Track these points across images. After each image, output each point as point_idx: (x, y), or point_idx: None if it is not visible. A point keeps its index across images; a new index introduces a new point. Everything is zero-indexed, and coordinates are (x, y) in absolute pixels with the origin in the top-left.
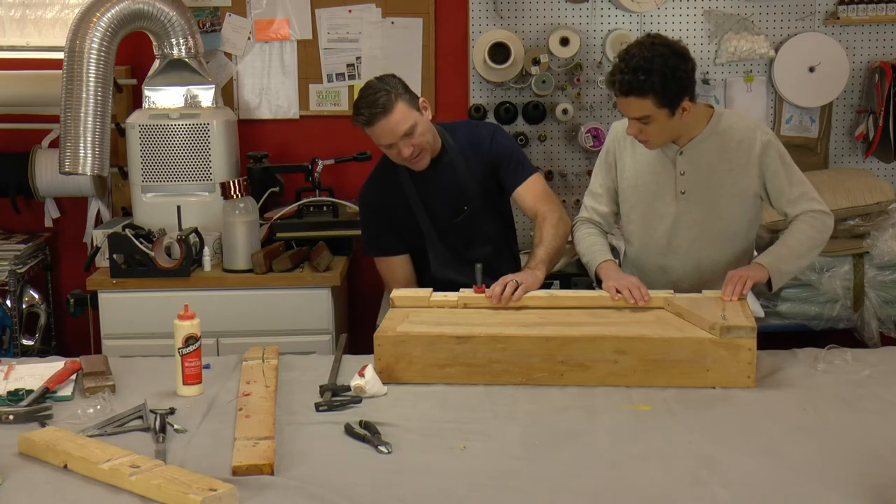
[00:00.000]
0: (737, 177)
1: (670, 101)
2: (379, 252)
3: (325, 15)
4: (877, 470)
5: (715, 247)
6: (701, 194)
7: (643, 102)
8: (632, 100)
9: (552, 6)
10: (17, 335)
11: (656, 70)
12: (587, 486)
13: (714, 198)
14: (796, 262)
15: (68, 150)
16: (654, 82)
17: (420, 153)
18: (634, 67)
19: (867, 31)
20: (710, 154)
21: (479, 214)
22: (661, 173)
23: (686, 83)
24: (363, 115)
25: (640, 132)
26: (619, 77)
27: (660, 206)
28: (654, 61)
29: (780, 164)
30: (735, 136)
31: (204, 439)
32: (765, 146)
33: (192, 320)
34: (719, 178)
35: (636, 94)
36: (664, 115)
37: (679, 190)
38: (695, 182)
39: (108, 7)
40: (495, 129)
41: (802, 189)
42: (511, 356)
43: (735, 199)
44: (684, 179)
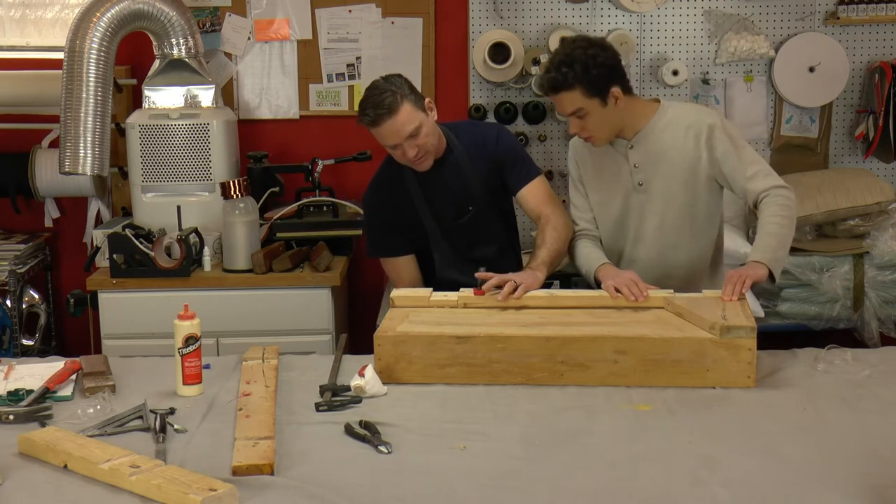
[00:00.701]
0: (689, 162)
1: (598, 90)
2: (385, 253)
3: (325, 15)
4: (877, 470)
5: (677, 235)
6: (657, 184)
7: (573, 95)
8: (562, 95)
9: (552, 6)
10: (17, 335)
11: (577, 61)
12: (587, 486)
13: (669, 185)
14: (784, 246)
15: (68, 150)
16: (577, 72)
17: (424, 154)
18: (557, 64)
19: (867, 31)
20: (660, 143)
21: (483, 215)
22: (617, 170)
23: (610, 70)
24: (368, 116)
25: (582, 129)
26: (546, 77)
27: (626, 202)
28: (574, 54)
29: (730, 145)
30: (682, 123)
31: (204, 439)
32: (711, 129)
33: (192, 320)
34: (672, 166)
35: (564, 88)
36: (596, 105)
37: (636, 182)
38: (649, 172)
39: (108, 7)
40: (500, 129)
41: (757, 167)
42: (511, 356)
43: (689, 184)
44: (639, 171)
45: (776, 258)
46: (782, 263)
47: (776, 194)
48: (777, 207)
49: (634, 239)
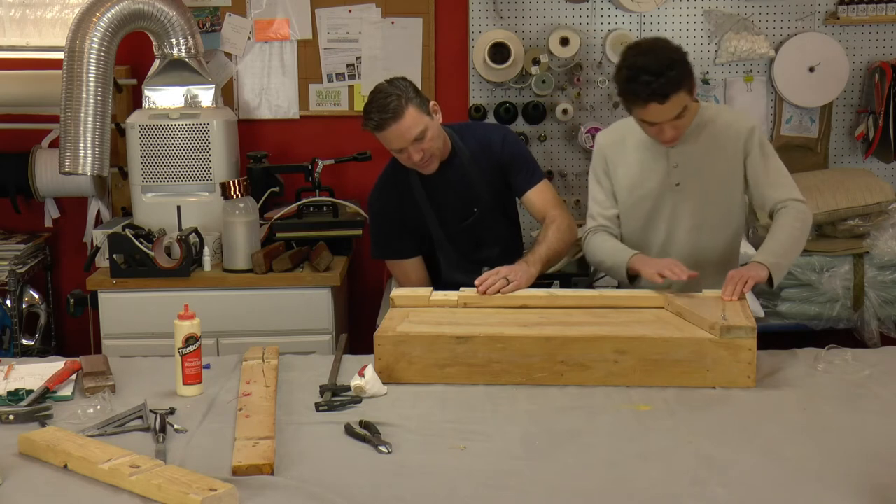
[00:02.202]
0: (727, 162)
1: (692, 86)
2: (392, 256)
3: (325, 15)
4: (877, 470)
5: (710, 234)
6: (694, 184)
7: (679, 97)
8: (672, 100)
9: (552, 6)
10: (17, 335)
11: (676, 62)
12: (587, 486)
13: (707, 186)
14: (790, 255)
15: (68, 150)
16: (681, 72)
17: (430, 157)
18: (658, 70)
19: (867, 31)
20: (701, 143)
21: (488, 216)
22: (654, 169)
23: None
24: (373, 120)
25: (675, 128)
26: (649, 86)
27: (657, 201)
28: (668, 55)
29: (761, 150)
30: (722, 123)
31: (204, 439)
32: (750, 131)
33: (192, 320)
34: (711, 166)
35: (674, 91)
36: (690, 100)
37: (673, 182)
38: (688, 173)
39: (108, 7)
40: (506, 131)
41: (782, 178)
42: (511, 356)
43: (726, 184)
44: (678, 171)
45: (779, 264)
46: (784, 271)
47: (794, 206)
48: (792, 218)
49: (666, 240)
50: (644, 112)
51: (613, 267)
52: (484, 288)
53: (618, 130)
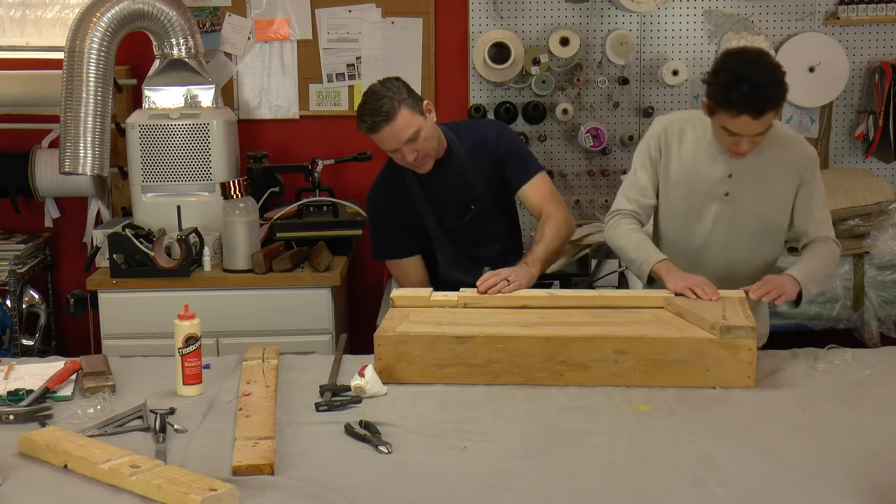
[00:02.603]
0: (781, 185)
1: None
2: (391, 255)
3: (325, 15)
4: (877, 470)
5: (747, 252)
6: (745, 198)
7: (771, 115)
8: (764, 116)
9: (552, 6)
10: (17, 335)
11: (778, 80)
12: (587, 486)
13: (756, 202)
14: (819, 283)
15: (68, 150)
16: (781, 91)
17: (424, 157)
18: (761, 83)
19: (867, 31)
20: (761, 160)
21: (486, 214)
22: (708, 174)
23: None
24: (366, 123)
25: (752, 143)
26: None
27: (703, 206)
28: (773, 71)
29: (816, 184)
30: (787, 146)
31: (204, 439)
32: (812, 164)
33: (192, 320)
34: (765, 184)
35: (771, 108)
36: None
37: (723, 191)
38: (741, 185)
39: (108, 7)
40: (502, 127)
41: (826, 215)
42: (511, 356)
43: (775, 207)
44: (731, 181)
45: (808, 288)
46: (810, 295)
47: (832, 246)
48: (828, 251)
49: (701, 247)
50: (732, 122)
51: (636, 261)
52: (485, 288)
53: (678, 121)
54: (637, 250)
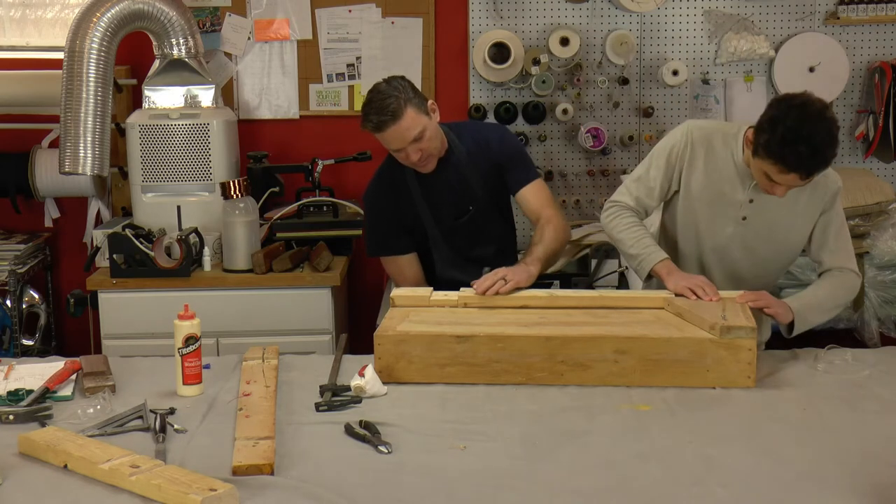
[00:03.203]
0: (800, 216)
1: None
2: (386, 252)
3: (325, 15)
4: (877, 470)
5: (754, 271)
6: (761, 225)
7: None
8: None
9: (552, 6)
10: (17, 335)
11: (834, 142)
12: (587, 486)
13: (772, 231)
14: (821, 315)
15: (68, 150)
16: (834, 153)
17: (428, 157)
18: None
19: (867, 31)
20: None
21: (483, 215)
22: (728, 195)
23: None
24: (371, 122)
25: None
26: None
27: (719, 225)
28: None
29: (838, 216)
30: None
31: (204, 439)
32: (835, 194)
33: (192, 320)
34: (784, 215)
35: (821, 170)
36: None
37: (741, 216)
38: (759, 212)
39: (108, 7)
40: (504, 131)
41: (846, 245)
42: (511, 356)
43: (792, 234)
44: (750, 207)
45: (807, 318)
46: (808, 326)
47: (847, 276)
48: (839, 283)
49: (709, 262)
50: (778, 175)
51: (636, 257)
52: (482, 289)
53: (710, 132)
54: (638, 246)
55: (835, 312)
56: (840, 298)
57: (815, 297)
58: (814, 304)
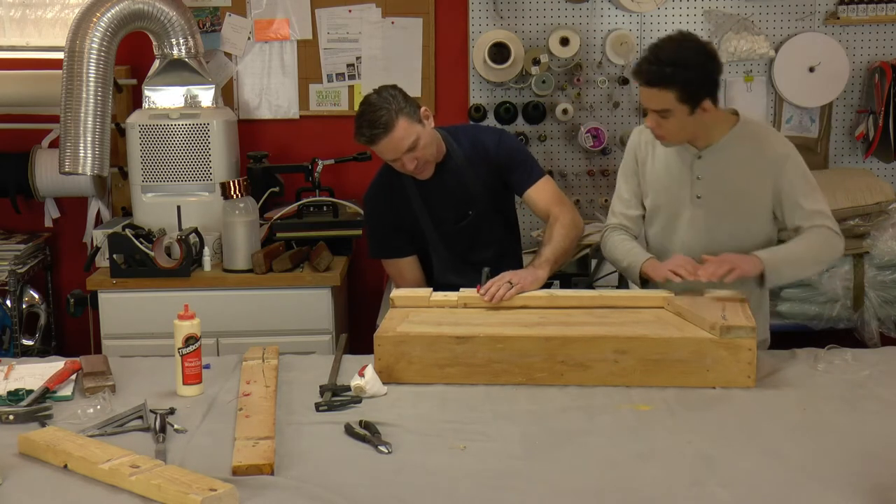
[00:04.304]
0: (753, 188)
1: (692, 98)
2: (387, 255)
3: (325, 15)
4: (877, 470)
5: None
6: (716, 201)
7: (666, 95)
8: (655, 91)
9: (552, 6)
10: (17, 335)
11: (684, 64)
12: (587, 486)
13: (728, 206)
14: (796, 268)
15: (68, 150)
16: (680, 75)
17: (424, 164)
18: (664, 59)
19: (867, 31)
20: (728, 161)
21: (483, 219)
22: (678, 176)
23: (710, 83)
24: (364, 135)
25: (658, 126)
26: (647, 67)
27: (678, 211)
28: (684, 55)
29: (799, 178)
30: (755, 146)
31: (204, 439)
32: (783, 158)
33: (192, 320)
34: (736, 187)
35: (661, 85)
36: (684, 111)
37: (695, 194)
38: (710, 188)
39: (108, 7)
40: (502, 133)
41: (819, 207)
42: (511, 356)
43: (749, 210)
44: (700, 184)
45: (778, 269)
46: (784, 279)
47: (825, 232)
48: (816, 238)
49: (682, 250)
50: (641, 92)
51: (628, 268)
52: (489, 296)
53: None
54: (628, 257)
55: (814, 269)
56: (819, 254)
57: (789, 251)
58: (788, 257)
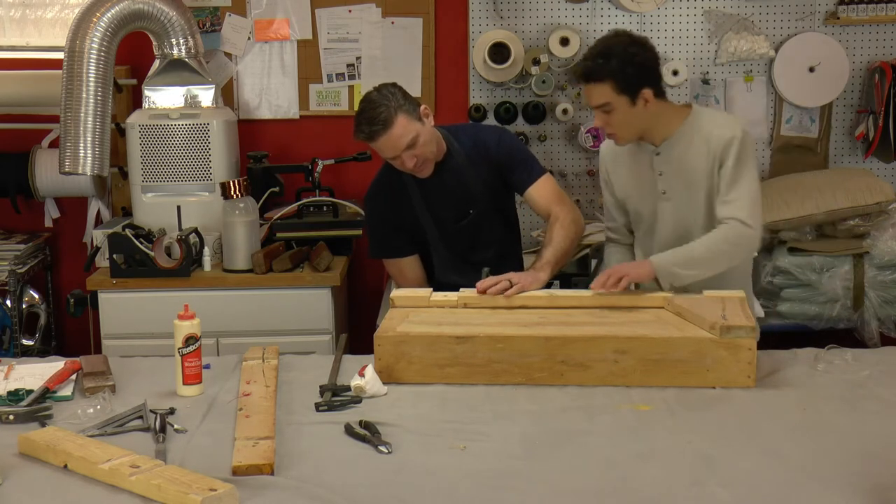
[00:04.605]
0: (707, 176)
1: (629, 87)
2: (388, 255)
3: (325, 15)
4: (877, 470)
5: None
6: (679, 193)
7: (603, 88)
8: (592, 86)
9: (552, 6)
10: (17, 335)
11: (615, 55)
12: (587, 486)
13: (691, 196)
14: (695, 268)
15: (68, 150)
16: (612, 66)
17: (424, 162)
18: (594, 54)
19: (867, 31)
20: (685, 153)
21: (483, 218)
22: (642, 176)
23: (645, 71)
24: (364, 132)
25: (606, 124)
26: (581, 64)
27: (649, 209)
28: (613, 47)
29: (733, 162)
30: (708, 134)
31: (204, 439)
32: (729, 142)
33: (192, 320)
34: (695, 177)
35: (595, 78)
36: (624, 103)
37: (660, 190)
38: (671, 181)
39: (108, 7)
40: (502, 132)
41: (739, 195)
42: (511, 356)
43: (708, 194)
44: (663, 179)
45: (671, 271)
46: (681, 279)
47: (732, 226)
48: (719, 236)
49: (659, 248)
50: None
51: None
52: (484, 288)
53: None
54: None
55: (718, 266)
56: (722, 252)
57: (687, 252)
58: (682, 259)
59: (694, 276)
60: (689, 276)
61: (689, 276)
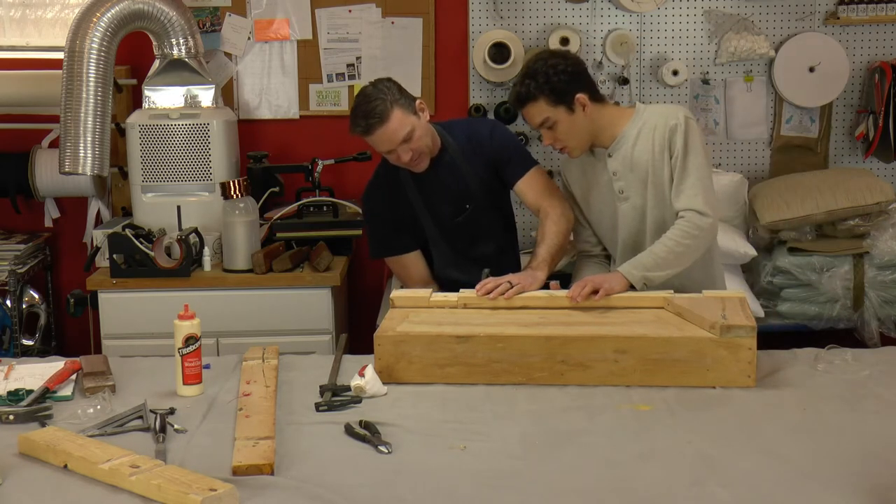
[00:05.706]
0: (655, 164)
1: (561, 97)
2: (389, 253)
3: (325, 15)
4: (877, 470)
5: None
6: (634, 191)
7: (538, 106)
8: (529, 108)
9: (552, 6)
10: (17, 335)
11: (538, 72)
12: (587, 486)
13: (644, 192)
14: (665, 269)
15: (68, 150)
16: (539, 82)
17: (419, 156)
18: (521, 78)
19: (867, 31)
20: (633, 149)
21: (481, 213)
22: (599, 180)
23: (572, 77)
24: (360, 126)
25: (555, 140)
26: (513, 91)
27: (609, 212)
28: (535, 66)
29: (681, 149)
30: (651, 126)
31: (204, 439)
32: (673, 130)
33: (192, 320)
34: (646, 171)
35: (529, 99)
36: (563, 113)
37: (617, 191)
38: (627, 180)
39: (108, 7)
40: (494, 124)
41: (691, 182)
42: (511, 356)
43: (663, 187)
44: (618, 179)
45: (644, 277)
46: (654, 281)
47: (689, 219)
48: (679, 232)
49: (623, 249)
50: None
51: None
52: (485, 290)
53: None
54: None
55: (687, 260)
56: (682, 247)
57: (652, 256)
58: (649, 262)
59: (666, 276)
60: (660, 277)
61: (661, 277)
